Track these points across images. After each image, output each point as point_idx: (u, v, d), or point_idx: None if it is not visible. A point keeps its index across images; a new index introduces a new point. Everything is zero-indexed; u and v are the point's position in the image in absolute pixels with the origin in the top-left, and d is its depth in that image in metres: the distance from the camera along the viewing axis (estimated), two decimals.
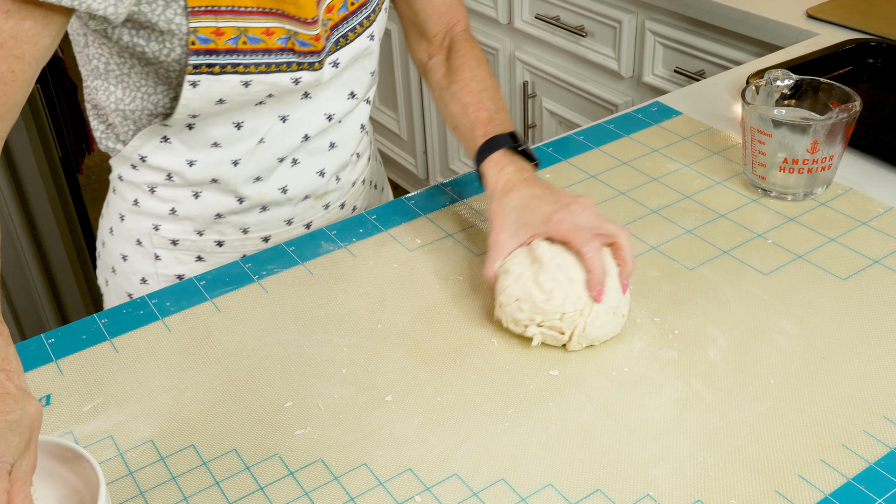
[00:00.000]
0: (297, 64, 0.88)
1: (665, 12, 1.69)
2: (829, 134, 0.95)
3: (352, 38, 0.94)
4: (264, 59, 0.86)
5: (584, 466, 0.70)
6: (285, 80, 0.89)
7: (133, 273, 1.04)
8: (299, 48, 0.88)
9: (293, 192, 1.00)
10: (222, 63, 0.85)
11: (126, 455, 0.73)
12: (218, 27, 0.83)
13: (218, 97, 0.87)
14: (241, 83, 0.87)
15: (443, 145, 2.48)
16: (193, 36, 0.83)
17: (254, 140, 0.94)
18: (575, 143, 1.13)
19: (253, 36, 0.85)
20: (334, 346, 0.83)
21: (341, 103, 0.98)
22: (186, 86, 0.85)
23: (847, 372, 0.78)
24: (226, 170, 0.95)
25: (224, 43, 0.84)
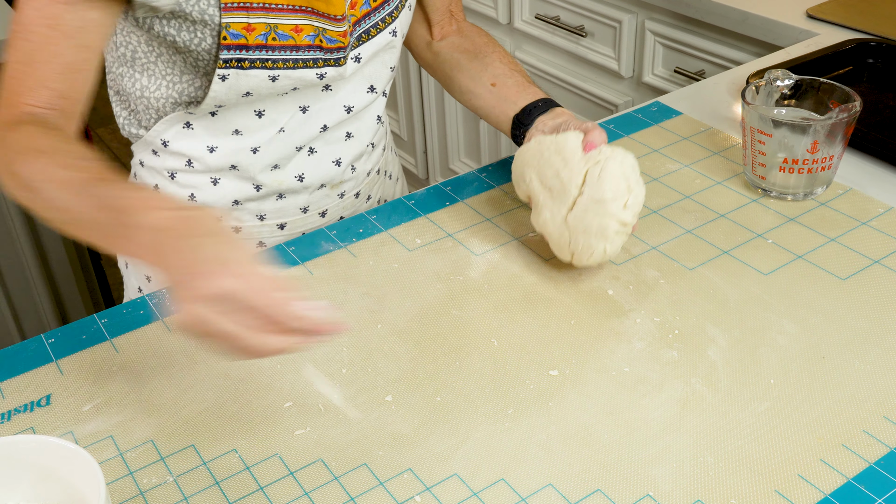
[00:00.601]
0: (322, 60, 0.90)
1: (665, 12, 1.69)
2: (829, 134, 0.95)
3: (374, 33, 0.96)
4: (292, 55, 0.88)
5: (584, 466, 0.70)
6: (311, 75, 0.91)
7: None
8: (327, 45, 0.90)
9: (309, 180, 1.01)
10: (251, 58, 0.87)
11: (126, 455, 0.73)
12: (249, 23, 0.85)
13: (245, 90, 0.89)
14: (268, 78, 0.89)
15: (443, 145, 2.48)
16: (225, 31, 0.85)
17: (274, 129, 0.96)
18: None
19: (282, 32, 0.87)
20: (334, 346, 0.83)
21: (361, 97, 1.00)
22: (216, 79, 0.87)
23: (847, 372, 0.78)
24: (245, 157, 0.97)
25: (254, 39, 0.86)
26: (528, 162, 0.91)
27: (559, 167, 0.87)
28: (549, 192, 0.88)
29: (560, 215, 0.87)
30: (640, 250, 0.94)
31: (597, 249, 0.85)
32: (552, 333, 0.83)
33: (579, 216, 0.85)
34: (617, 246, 0.86)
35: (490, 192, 1.04)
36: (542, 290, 0.89)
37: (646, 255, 0.93)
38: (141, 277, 1.08)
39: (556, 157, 0.88)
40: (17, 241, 1.80)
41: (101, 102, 1.14)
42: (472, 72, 1.05)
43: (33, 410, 0.77)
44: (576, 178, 0.86)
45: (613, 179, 0.84)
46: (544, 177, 0.89)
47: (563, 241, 0.87)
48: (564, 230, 0.87)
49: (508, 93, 1.01)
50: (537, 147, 0.91)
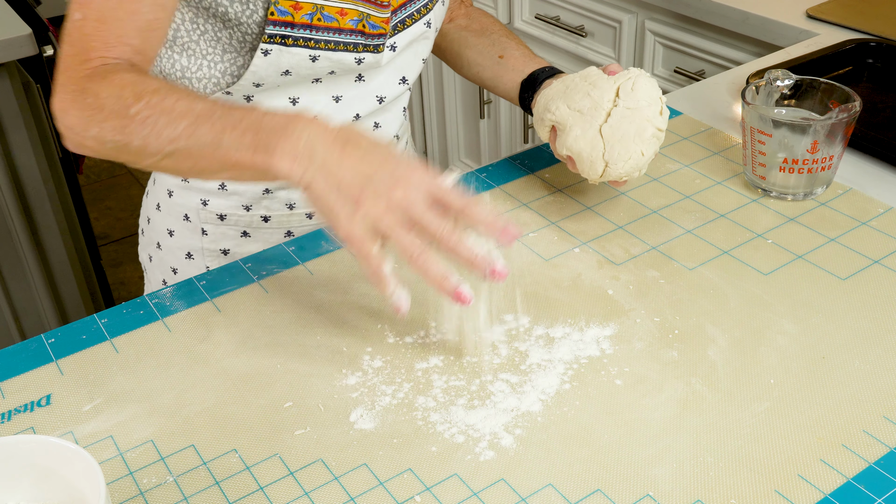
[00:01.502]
0: (363, 45, 0.92)
1: (665, 12, 1.69)
2: (829, 134, 0.95)
3: (409, 23, 0.98)
4: (334, 37, 0.90)
5: (584, 466, 0.70)
6: (350, 59, 0.93)
7: (179, 248, 1.07)
8: (369, 30, 0.92)
9: None
10: (295, 36, 0.88)
11: (126, 455, 0.73)
12: (297, 1, 0.87)
13: (286, 68, 0.90)
14: (308, 57, 0.90)
15: (443, 145, 2.48)
16: (273, 6, 0.86)
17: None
18: None
19: (328, 14, 0.89)
20: (334, 346, 0.83)
21: (392, 87, 1.01)
22: (258, 53, 0.88)
23: (847, 372, 0.78)
24: None
25: (300, 17, 0.87)
26: (552, 96, 0.95)
27: (588, 89, 0.92)
28: (578, 113, 0.91)
29: (593, 129, 0.90)
30: (640, 250, 0.94)
31: (634, 153, 0.89)
32: (551, 333, 0.83)
33: (615, 125, 0.89)
34: (652, 151, 0.90)
35: (490, 192, 1.04)
36: (543, 289, 0.89)
37: (646, 255, 0.93)
38: (166, 270, 1.09)
39: (583, 83, 0.93)
40: (17, 241, 1.80)
41: None
42: (480, 47, 1.09)
43: (33, 410, 0.77)
44: (608, 94, 0.91)
45: (648, 88, 0.90)
46: (572, 101, 0.92)
47: (597, 152, 0.90)
48: (598, 142, 0.90)
49: (516, 63, 1.05)
50: (561, 82, 0.95)
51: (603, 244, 0.95)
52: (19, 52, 1.62)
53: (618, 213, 1.00)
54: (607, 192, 1.03)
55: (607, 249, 0.94)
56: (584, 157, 0.91)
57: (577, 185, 1.05)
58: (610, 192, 1.03)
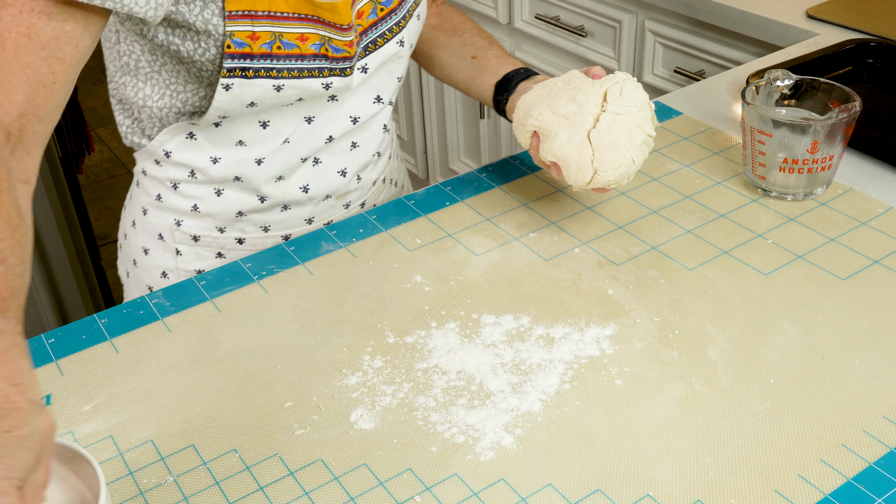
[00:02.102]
0: (328, 70, 0.90)
1: (665, 12, 1.69)
2: (829, 134, 0.95)
3: (381, 43, 0.95)
4: (297, 64, 0.88)
5: (584, 466, 0.70)
6: (316, 84, 0.90)
7: (154, 267, 1.05)
8: (332, 54, 0.89)
9: (315, 191, 1.01)
10: (256, 67, 0.86)
11: (126, 455, 0.73)
12: (254, 31, 0.84)
13: (250, 100, 0.88)
14: (273, 87, 0.88)
15: (443, 145, 2.48)
16: (230, 39, 0.84)
17: (279, 140, 0.95)
18: None
19: (287, 41, 0.86)
20: (334, 346, 0.83)
21: (367, 107, 0.99)
22: (220, 89, 0.86)
23: (847, 372, 0.78)
24: (249, 168, 0.96)
25: (259, 47, 0.85)
26: (534, 101, 0.93)
27: (573, 94, 0.90)
28: (563, 118, 0.89)
29: (580, 135, 0.88)
30: (640, 250, 0.94)
31: (624, 160, 0.87)
32: (552, 333, 0.83)
33: (604, 130, 0.87)
34: (642, 158, 0.89)
35: (490, 192, 1.04)
36: (542, 289, 0.89)
37: (646, 255, 0.93)
38: (143, 287, 1.07)
39: (567, 87, 0.91)
40: None
41: (100, 103, 1.14)
42: (452, 47, 1.07)
43: None
44: (594, 98, 0.89)
45: (636, 93, 0.89)
46: (556, 106, 0.90)
47: (585, 158, 0.88)
48: (586, 148, 0.88)
49: (489, 63, 1.03)
50: (543, 87, 0.93)
51: (603, 244, 0.95)
52: None
53: (618, 213, 1.00)
54: (607, 192, 1.03)
55: (607, 249, 0.94)
56: (571, 163, 0.88)
57: None
58: (610, 192, 1.03)
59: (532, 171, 1.08)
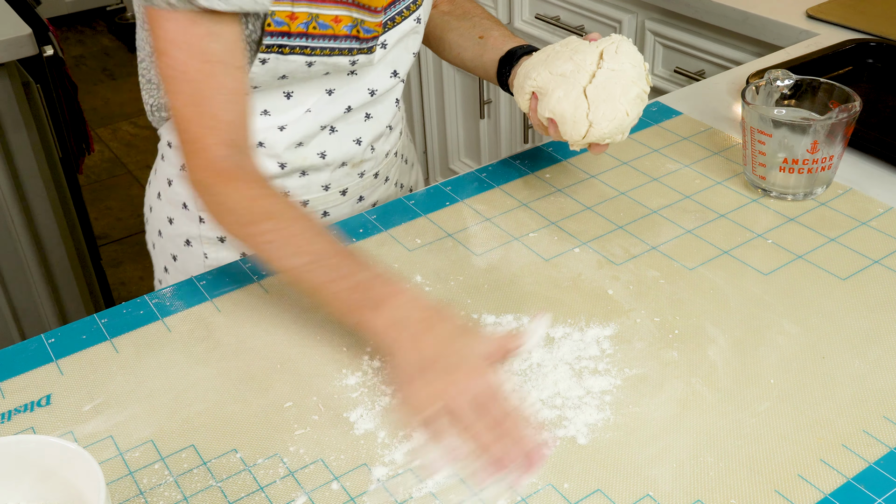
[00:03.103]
0: (357, 49, 0.94)
1: (665, 12, 1.69)
2: (829, 134, 0.95)
3: (399, 20, 0.99)
4: (329, 43, 0.92)
5: (584, 466, 0.70)
6: (344, 61, 0.94)
7: (178, 235, 1.08)
8: (363, 35, 0.93)
9: (331, 157, 1.04)
10: (292, 45, 0.90)
11: (126, 455, 0.73)
12: (293, 12, 0.88)
13: (282, 74, 0.93)
14: (305, 63, 0.92)
15: (443, 145, 2.48)
16: (270, 18, 0.87)
17: (301, 109, 0.99)
18: None
19: (322, 22, 0.90)
20: (334, 346, 0.83)
21: (385, 81, 1.03)
22: (256, 62, 0.90)
23: (847, 372, 0.78)
24: (272, 134, 0.99)
25: (296, 27, 0.89)
26: (534, 64, 0.95)
27: (570, 55, 0.92)
28: (560, 77, 0.91)
29: (576, 90, 0.90)
30: (640, 250, 0.94)
31: (619, 113, 0.89)
32: (552, 333, 0.83)
33: (600, 85, 0.89)
34: (636, 112, 0.90)
35: (490, 192, 1.04)
36: (543, 289, 0.89)
37: (646, 255, 0.93)
38: (167, 257, 1.11)
39: (565, 49, 0.93)
40: (17, 241, 1.80)
41: (100, 103, 1.15)
42: (461, 29, 1.10)
43: (33, 410, 0.77)
44: (591, 57, 0.91)
45: (632, 52, 0.91)
46: (553, 66, 0.92)
47: (580, 112, 0.90)
48: (581, 102, 0.90)
49: (494, 42, 1.06)
50: (542, 52, 0.95)
51: (603, 244, 0.95)
52: (19, 52, 1.62)
53: (618, 213, 1.00)
54: (607, 192, 1.03)
55: (607, 249, 0.94)
56: (567, 117, 0.91)
57: (577, 184, 1.05)
58: (610, 192, 1.03)
59: (532, 171, 1.08)
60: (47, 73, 1.77)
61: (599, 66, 0.90)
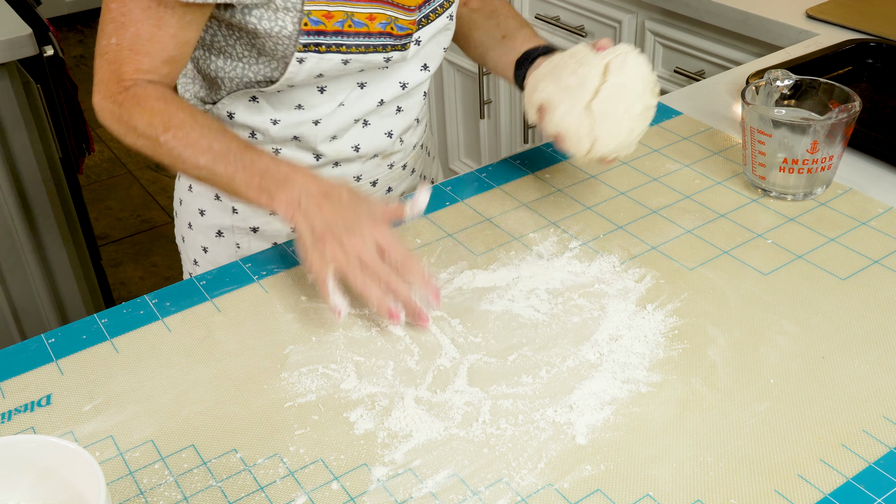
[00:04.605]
0: (391, 46, 0.95)
1: (665, 12, 1.69)
2: (829, 134, 0.95)
3: (433, 18, 1.00)
4: (364, 41, 0.93)
5: (584, 466, 0.70)
6: (378, 58, 0.96)
7: (209, 227, 1.10)
8: (397, 32, 0.95)
9: (364, 150, 1.06)
10: (328, 43, 0.92)
11: (126, 455, 0.73)
12: (329, 10, 0.90)
13: (319, 72, 0.95)
14: (341, 61, 0.94)
15: (443, 145, 2.48)
16: (307, 17, 0.89)
17: (334, 104, 1.00)
18: None
19: (357, 20, 0.92)
20: (334, 346, 0.83)
21: (416, 75, 1.04)
22: (294, 62, 0.92)
23: (847, 372, 0.78)
24: (307, 128, 1.02)
25: (332, 25, 0.91)
26: (541, 76, 0.94)
27: (575, 67, 0.91)
28: (565, 91, 0.90)
29: (579, 106, 0.89)
30: (640, 250, 0.94)
31: (622, 130, 0.88)
32: (552, 333, 0.83)
33: (603, 101, 0.88)
34: (641, 129, 0.90)
35: (490, 192, 1.04)
36: (542, 290, 0.89)
37: (646, 255, 0.93)
38: (197, 250, 1.12)
39: (571, 60, 0.92)
40: (17, 241, 1.80)
41: None
42: (487, 28, 1.11)
43: (33, 410, 0.78)
44: (595, 70, 0.89)
45: (637, 65, 0.89)
46: (559, 79, 0.91)
47: (584, 129, 0.89)
48: (584, 119, 0.89)
49: (516, 43, 1.06)
50: (549, 62, 0.94)
51: (603, 244, 0.95)
52: (19, 52, 1.63)
53: (618, 213, 1.00)
54: (607, 192, 1.03)
55: (607, 249, 0.94)
56: (570, 133, 0.90)
57: (577, 184, 1.05)
58: (610, 192, 1.03)
59: (532, 171, 1.08)
60: (47, 73, 1.77)
61: (604, 80, 0.89)
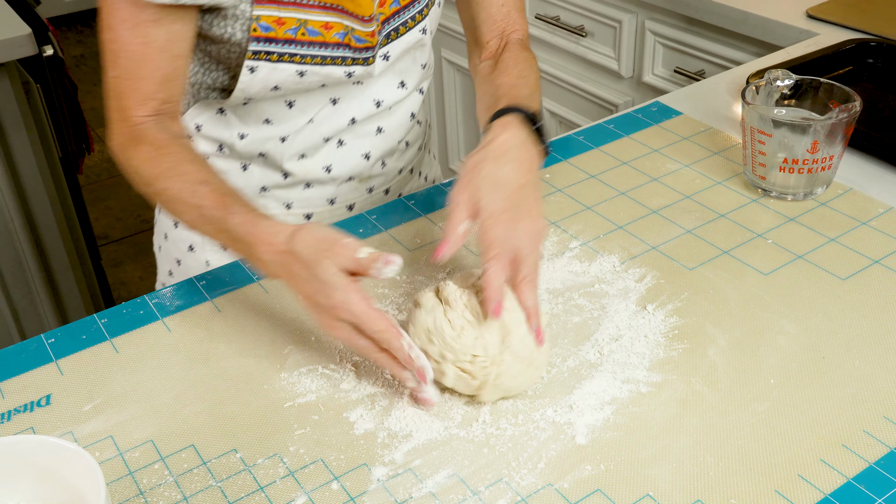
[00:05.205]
0: (351, 59, 0.92)
1: (665, 12, 1.69)
2: (829, 134, 0.95)
3: (403, 31, 0.97)
4: (320, 51, 0.90)
5: (584, 466, 0.70)
6: (339, 72, 0.93)
7: (181, 240, 1.08)
8: (355, 44, 0.92)
9: (337, 171, 1.03)
10: (280, 52, 0.89)
11: (126, 455, 0.73)
12: (280, 17, 0.87)
13: (274, 84, 0.91)
14: (296, 73, 0.91)
15: (443, 145, 2.48)
16: (255, 23, 0.87)
17: (303, 119, 0.98)
18: (575, 143, 1.13)
19: (312, 28, 0.89)
20: (334, 346, 0.83)
21: (391, 91, 1.01)
22: (245, 70, 0.89)
23: (847, 372, 0.78)
24: (273, 145, 0.99)
25: (284, 32, 0.88)
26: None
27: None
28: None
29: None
30: (640, 250, 0.94)
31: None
32: (552, 333, 0.83)
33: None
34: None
35: None
36: (541, 290, 0.89)
37: (646, 255, 0.93)
38: (172, 261, 1.11)
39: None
40: (17, 241, 1.80)
41: (101, 103, 1.15)
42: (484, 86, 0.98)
43: (33, 410, 0.77)
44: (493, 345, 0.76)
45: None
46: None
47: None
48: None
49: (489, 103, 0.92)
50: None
51: (603, 244, 0.95)
52: (19, 52, 1.62)
53: (618, 213, 1.00)
54: (607, 192, 1.03)
55: (607, 249, 0.94)
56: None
57: (577, 184, 1.05)
58: (610, 192, 1.03)
59: None
60: (47, 73, 1.77)
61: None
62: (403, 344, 0.72)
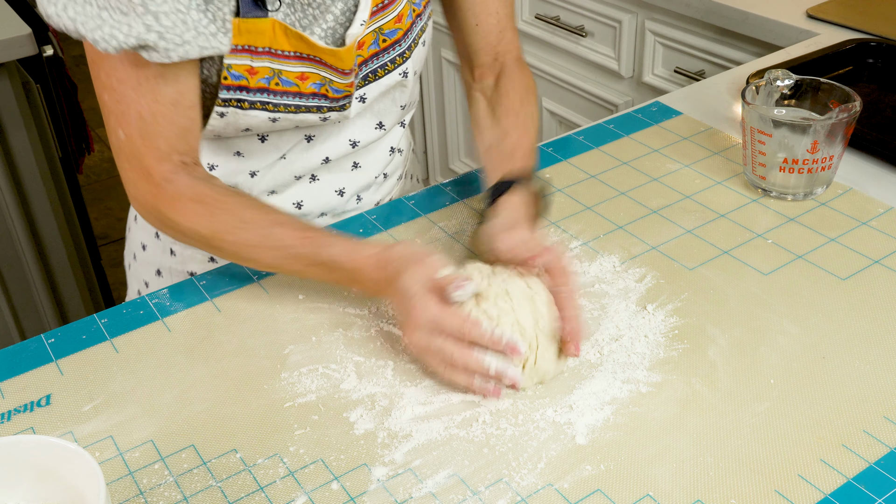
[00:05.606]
0: (327, 107, 0.90)
1: (665, 12, 1.69)
2: (829, 134, 0.95)
3: (381, 74, 0.94)
4: (294, 101, 0.87)
5: (584, 466, 0.70)
6: (313, 118, 0.90)
7: (149, 263, 1.05)
8: (332, 94, 0.89)
9: (308, 207, 1.00)
10: (252, 100, 0.86)
11: (126, 455, 0.73)
12: (252, 66, 0.84)
13: (244, 127, 0.89)
14: (268, 119, 0.88)
15: (443, 145, 2.48)
16: (227, 71, 0.83)
17: (276, 155, 0.95)
18: (575, 143, 1.13)
19: (286, 79, 0.86)
20: (334, 346, 0.83)
21: (368, 132, 0.98)
22: (214, 115, 0.86)
23: (847, 372, 0.78)
24: (244, 179, 0.96)
25: (256, 82, 0.85)
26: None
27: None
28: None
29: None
30: (640, 250, 0.94)
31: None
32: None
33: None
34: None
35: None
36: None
37: (646, 255, 0.93)
38: (140, 282, 1.08)
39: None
40: (17, 241, 1.80)
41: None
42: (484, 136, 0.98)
43: (33, 410, 0.77)
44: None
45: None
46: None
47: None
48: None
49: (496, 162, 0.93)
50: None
51: (603, 244, 0.95)
52: (19, 52, 1.62)
53: (618, 213, 1.00)
54: (607, 192, 1.03)
55: (607, 249, 0.94)
56: None
57: (577, 184, 1.05)
58: (610, 192, 1.03)
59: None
60: (47, 73, 1.77)
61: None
62: (485, 329, 0.74)
